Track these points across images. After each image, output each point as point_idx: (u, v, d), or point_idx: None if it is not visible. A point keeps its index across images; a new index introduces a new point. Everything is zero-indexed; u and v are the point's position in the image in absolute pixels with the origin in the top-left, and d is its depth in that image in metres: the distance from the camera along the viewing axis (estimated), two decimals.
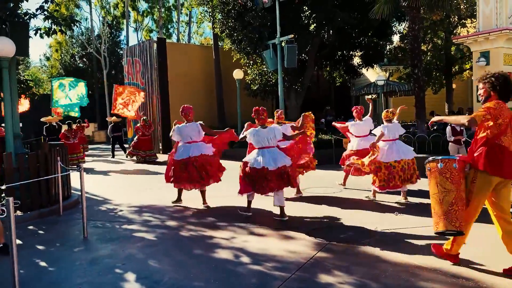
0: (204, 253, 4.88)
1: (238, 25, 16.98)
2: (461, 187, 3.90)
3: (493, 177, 3.85)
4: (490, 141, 3.85)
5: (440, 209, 3.95)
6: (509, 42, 11.75)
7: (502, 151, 3.83)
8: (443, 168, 3.91)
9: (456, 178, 3.88)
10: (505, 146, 3.83)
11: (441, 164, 3.91)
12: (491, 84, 3.96)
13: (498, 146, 3.83)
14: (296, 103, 18.54)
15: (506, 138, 3.84)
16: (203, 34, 47.35)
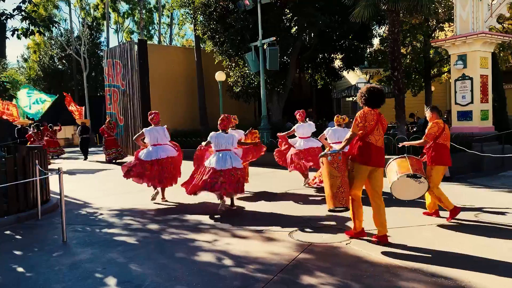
0: (187, 256, 4.85)
1: (220, 27, 16.98)
2: (345, 173, 4.96)
3: (364, 166, 4.96)
4: (361, 139, 4.99)
5: (330, 191, 4.96)
6: (485, 46, 12.01)
7: (369, 147, 4.96)
8: (331, 160, 4.95)
9: (342, 167, 4.94)
10: (372, 142, 4.97)
11: (330, 157, 4.96)
12: (360, 97, 5.12)
13: (366, 143, 4.96)
14: (279, 106, 18.62)
15: (372, 137, 4.97)
16: (184, 36, 47.17)
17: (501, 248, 4.70)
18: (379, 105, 5.09)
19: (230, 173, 6.92)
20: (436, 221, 5.95)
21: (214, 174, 6.91)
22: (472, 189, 8.47)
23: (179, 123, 20.09)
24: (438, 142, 6.07)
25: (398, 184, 5.58)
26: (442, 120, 6.27)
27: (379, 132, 5.03)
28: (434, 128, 6.09)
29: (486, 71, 12.21)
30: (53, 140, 18.78)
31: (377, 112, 5.07)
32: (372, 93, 5.03)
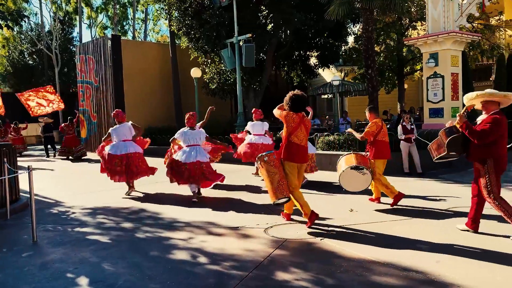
0: (161, 254, 4.80)
1: (195, 23, 16.84)
2: (281, 169, 5.61)
3: (292, 163, 5.65)
4: (286, 139, 5.67)
5: (272, 186, 5.53)
6: (456, 45, 12.30)
7: (293, 146, 5.65)
8: (267, 159, 5.58)
9: (277, 164, 5.60)
10: (295, 142, 5.64)
11: (266, 158, 5.60)
12: (286, 103, 5.75)
13: (291, 142, 5.65)
14: (255, 103, 18.60)
15: (295, 137, 5.63)
16: (159, 31, 46.61)
17: (471, 242, 4.83)
18: (301, 110, 5.76)
19: (194, 166, 7.58)
20: (410, 215, 6.07)
21: (180, 167, 7.61)
22: (443, 184, 8.69)
23: (154, 120, 19.86)
24: (378, 139, 6.83)
25: (345, 176, 6.38)
26: (380, 119, 7.04)
27: (302, 133, 5.67)
28: (373, 127, 6.83)
29: (457, 69, 12.51)
30: (17, 138, 18.77)
31: (300, 115, 5.69)
32: (295, 99, 5.68)
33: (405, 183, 8.95)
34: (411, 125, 10.23)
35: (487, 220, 5.51)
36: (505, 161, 4.99)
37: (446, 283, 3.70)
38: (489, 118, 4.90)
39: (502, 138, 4.96)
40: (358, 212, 6.43)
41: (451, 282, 3.71)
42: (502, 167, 4.96)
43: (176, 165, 7.71)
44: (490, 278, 3.78)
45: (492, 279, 3.76)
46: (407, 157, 10.18)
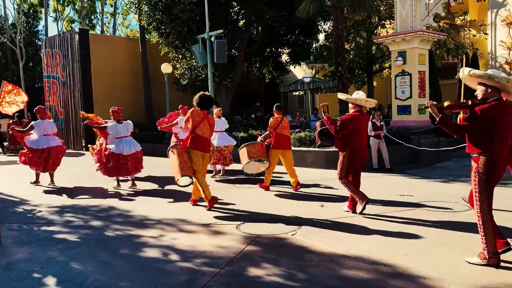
0: (131, 252, 4.74)
1: (166, 18, 16.62)
2: (183, 155, 6.51)
3: (196, 151, 6.53)
4: (192, 131, 6.54)
5: (178, 168, 6.42)
6: (423, 43, 12.63)
7: (197, 137, 6.53)
8: (175, 150, 6.57)
9: (179, 152, 6.54)
10: (199, 134, 6.53)
11: (175, 149, 6.61)
12: (195, 100, 6.61)
13: (195, 134, 6.52)
14: (227, 99, 18.58)
15: (199, 130, 6.51)
16: (129, 26, 45.72)
17: (435, 234, 4.99)
18: (207, 108, 6.66)
19: (134, 156, 8.49)
20: (378, 210, 6.21)
21: (118, 159, 8.39)
22: (410, 180, 8.92)
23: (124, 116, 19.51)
24: (277, 132, 7.88)
25: (249, 165, 7.83)
26: (281, 115, 8.00)
27: (205, 127, 6.59)
28: (273, 121, 7.93)
29: (424, 68, 12.84)
30: None
31: (204, 112, 6.63)
32: (203, 98, 6.60)
33: (374, 178, 9.15)
34: (380, 122, 10.44)
35: (460, 217, 5.69)
36: (360, 152, 6.06)
37: (413, 275, 3.81)
38: (347, 115, 6.05)
39: (356, 132, 5.98)
40: (328, 207, 6.53)
41: (417, 274, 3.82)
42: (358, 157, 6.04)
43: (116, 159, 8.40)
44: (454, 269, 3.91)
45: (456, 270, 3.89)
46: (376, 153, 10.39)
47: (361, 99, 6.04)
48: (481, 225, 3.98)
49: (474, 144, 3.99)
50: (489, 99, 3.94)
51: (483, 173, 3.93)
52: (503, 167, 3.98)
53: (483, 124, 3.89)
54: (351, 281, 3.76)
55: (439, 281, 3.66)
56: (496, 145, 3.90)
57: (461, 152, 11.98)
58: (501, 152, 3.93)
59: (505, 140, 3.95)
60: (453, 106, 4.16)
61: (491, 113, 3.86)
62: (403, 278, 3.77)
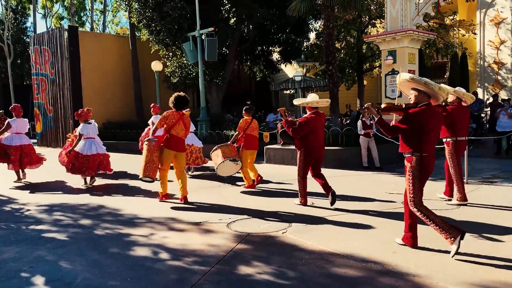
0: (121, 251, 4.71)
1: (156, 15, 16.52)
2: (154, 154, 6.72)
3: (170, 150, 6.81)
4: (167, 132, 6.81)
5: (144, 165, 6.70)
6: (413, 42, 12.72)
7: (172, 137, 6.80)
8: (149, 144, 6.77)
9: (152, 149, 6.73)
10: (174, 134, 6.80)
11: (149, 143, 6.77)
12: (171, 101, 6.90)
13: (171, 134, 6.79)
14: (218, 97, 18.54)
15: (174, 131, 6.79)
16: (119, 23, 45.41)
17: (424, 232, 5.03)
18: (182, 108, 6.93)
19: (94, 158, 8.73)
20: (368, 208, 6.24)
21: (81, 159, 8.64)
22: (400, 178, 8.97)
23: (113, 114, 19.42)
24: (247, 133, 8.15)
25: (223, 165, 7.84)
26: (250, 117, 8.33)
27: (181, 128, 6.85)
28: (242, 123, 8.21)
29: (414, 67, 12.93)
30: None
31: (180, 113, 6.89)
32: (179, 99, 6.86)
33: (364, 176, 9.20)
34: (370, 120, 10.49)
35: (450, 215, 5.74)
36: (315, 151, 6.45)
37: (402, 273, 3.84)
38: (303, 118, 6.47)
39: (313, 134, 6.36)
40: (318, 205, 6.55)
41: (406, 272, 3.85)
42: (313, 156, 6.45)
43: (76, 157, 8.70)
44: (443, 266, 3.95)
45: (445, 267, 3.93)
46: (366, 151, 10.44)
47: (312, 101, 6.47)
48: (425, 216, 4.33)
49: (407, 144, 4.36)
50: (420, 103, 4.33)
51: (415, 171, 4.31)
52: (432, 164, 4.38)
53: (414, 126, 4.26)
54: (341, 279, 3.78)
55: (428, 278, 3.69)
56: (425, 145, 4.28)
57: None
58: (429, 151, 4.31)
59: (432, 141, 4.36)
60: (390, 108, 4.51)
61: (421, 116, 4.24)
62: (392, 276, 3.79)
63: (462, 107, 6.38)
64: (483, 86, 17.57)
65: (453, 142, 6.44)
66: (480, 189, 7.56)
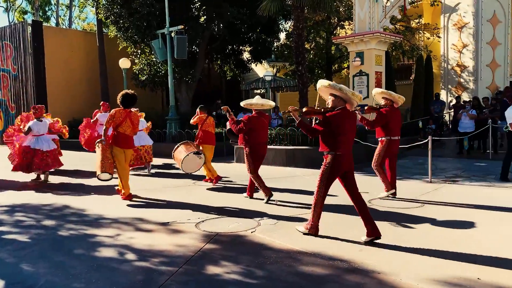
0: (86, 252, 4.60)
1: (124, 12, 16.21)
2: (107, 151, 6.93)
3: (118, 148, 6.96)
4: (115, 130, 6.94)
5: (99, 164, 6.88)
6: (380, 44, 12.99)
7: (119, 135, 6.95)
8: (101, 145, 6.95)
9: (104, 147, 6.93)
10: (122, 132, 6.94)
11: (104, 142, 7.00)
12: (118, 99, 7.04)
13: (117, 132, 6.94)
14: (187, 96, 18.37)
15: (121, 128, 6.93)
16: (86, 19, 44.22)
17: (389, 230, 5.15)
18: (130, 106, 7.07)
19: (43, 154, 8.99)
20: (336, 207, 6.33)
21: (30, 155, 8.91)
22: (367, 177, 9.15)
23: (79, 112, 18.91)
24: (203, 129, 8.55)
25: (187, 160, 7.95)
26: (206, 115, 8.68)
27: (128, 125, 6.98)
28: (197, 119, 8.59)
29: (381, 68, 13.22)
30: None
31: (127, 111, 7.04)
32: (126, 97, 7.00)
33: None
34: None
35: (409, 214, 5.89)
36: (259, 148, 6.85)
37: (368, 270, 3.91)
38: (246, 117, 6.87)
39: (255, 132, 6.75)
40: (287, 203, 6.59)
41: (372, 269, 3.93)
42: (257, 153, 6.82)
43: (25, 154, 8.95)
44: (407, 263, 4.06)
45: (409, 264, 4.03)
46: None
47: (257, 104, 6.95)
48: (315, 204, 4.90)
49: (325, 144, 4.78)
50: (337, 107, 4.74)
51: (329, 167, 4.76)
52: (347, 163, 4.78)
53: (331, 127, 4.67)
54: (308, 277, 3.82)
55: (392, 275, 3.78)
56: (341, 145, 4.69)
57: (416, 151, 12.47)
58: (345, 151, 4.73)
59: (348, 141, 4.78)
60: (310, 111, 4.83)
61: (337, 119, 4.66)
62: (358, 273, 3.86)
63: (394, 108, 7.03)
64: (446, 88, 18.14)
65: (387, 141, 6.96)
66: (443, 188, 7.80)
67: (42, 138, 9.21)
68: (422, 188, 7.84)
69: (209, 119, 8.73)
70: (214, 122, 8.97)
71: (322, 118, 4.76)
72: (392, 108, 7.01)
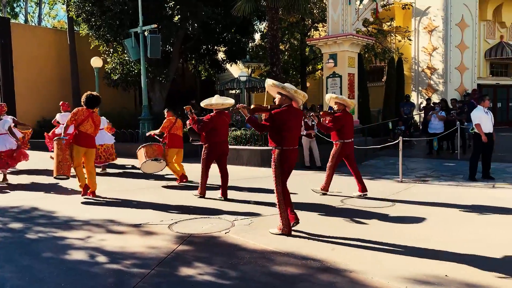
0: (55, 255, 4.48)
1: (96, 10, 15.90)
2: (66, 152, 7.03)
3: (79, 147, 7.08)
4: (76, 129, 7.08)
5: (56, 164, 7.01)
6: (353, 47, 13.17)
7: (81, 134, 7.08)
8: (59, 143, 7.04)
9: (64, 148, 7.02)
10: (83, 131, 7.08)
11: (58, 142, 7.05)
12: (82, 100, 7.25)
13: (79, 131, 7.08)
14: (161, 95, 18.16)
15: (83, 128, 7.06)
16: (56, 16, 43.16)
17: (361, 229, 5.23)
18: (93, 107, 7.29)
19: (5, 154, 9.03)
20: (308, 206, 6.39)
21: None
22: (340, 177, 9.27)
23: (50, 112, 18.42)
24: (171, 132, 8.53)
25: (146, 164, 8.39)
26: (175, 117, 8.69)
27: (90, 125, 7.14)
28: (166, 122, 8.55)
29: (353, 70, 13.40)
30: None
31: (90, 111, 7.21)
32: (89, 98, 7.23)
33: (305, 176, 9.41)
34: (312, 121, 10.74)
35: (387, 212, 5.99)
36: (219, 146, 7.08)
37: (340, 269, 3.96)
38: (207, 116, 7.11)
39: (215, 131, 6.98)
40: (259, 204, 6.60)
41: (344, 268, 3.98)
42: (216, 151, 7.08)
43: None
44: (378, 262, 4.13)
45: (379, 263, 4.10)
46: (308, 151, 10.68)
47: (217, 103, 7.15)
48: (278, 204, 5.06)
49: (272, 139, 5.04)
50: (283, 105, 5.03)
51: (278, 162, 5.00)
52: (294, 157, 5.06)
53: (276, 123, 4.93)
54: (281, 277, 3.83)
55: (363, 273, 3.84)
56: (286, 140, 4.96)
57: (387, 151, 12.70)
58: (291, 145, 5.00)
59: (293, 137, 5.04)
60: (257, 109, 5.12)
61: (283, 116, 4.93)
62: (330, 272, 3.91)
63: (347, 112, 7.34)
64: (417, 90, 18.58)
65: (341, 144, 7.27)
66: (413, 187, 7.98)
67: (2, 137, 9.18)
68: (393, 187, 8.00)
69: (178, 122, 8.73)
70: (182, 124, 8.91)
71: (269, 115, 5.00)
72: (345, 113, 7.32)
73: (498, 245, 4.54)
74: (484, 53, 18.61)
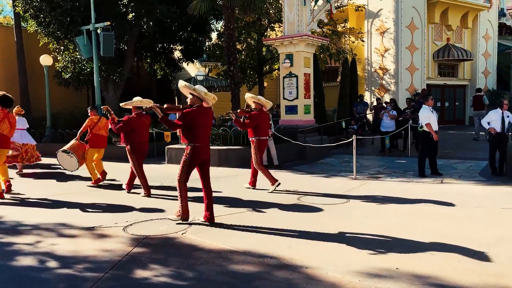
0: (1, 262, 4.26)
1: (45, 6, 15.26)
2: None
3: None
4: None
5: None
6: (308, 47, 13.40)
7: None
8: None
9: None
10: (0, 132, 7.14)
11: None
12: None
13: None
14: (115, 95, 17.69)
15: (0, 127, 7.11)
16: (2, 12, 41.04)
17: (317, 225, 5.33)
18: (8, 106, 7.34)
19: None
20: (265, 205, 6.43)
21: None
22: (297, 175, 9.42)
23: None
24: (93, 132, 8.49)
25: (60, 156, 8.44)
26: (97, 117, 8.63)
27: (6, 125, 7.22)
28: (88, 122, 8.50)
29: (309, 70, 13.63)
30: None
31: (5, 111, 7.28)
32: (3, 98, 7.26)
33: None
34: (269, 120, 10.81)
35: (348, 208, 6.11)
36: (139, 146, 7.37)
37: (296, 266, 4.02)
38: (126, 117, 7.33)
39: (135, 131, 7.25)
40: (220, 204, 6.58)
41: (300, 264, 4.05)
42: (138, 150, 7.36)
43: None
44: (333, 258, 4.23)
45: (334, 259, 4.20)
46: (265, 150, 10.74)
47: (136, 102, 7.41)
48: (179, 193, 5.48)
49: (184, 137, 5.42)
50: (194, 105, 5.39)
51: (188, 157, 5.40)
52: (204, 153, 5.46)
53: (187, 122, 5.29)
54: (238, 276, 3.84)
55: (319, 269, 3.92)
56: (197, 138, 5.35)
57: (341, 150, 13.01)
58: (201, 142, 5.39)
59: (203, 135, 5.44)
60: (170, 108, 5.39)
61: (194, 115, 5.30)
62: (287, 269, 3.96)
63: (263, 112, 7.79)
64: (370, 90, 19.14)
65: (257, 141, 7.68)
66: (367, 184, 8.22)
67: None
68: (348, 184, 8.21)
69: (101, 121, 8.61)
70: (107, 124, 8.46)
71: (181, 114, 5.33)
72: (261, 112, 7.72)
73: (445, 237, 4.76)
74: (432, 54, 19.43)
